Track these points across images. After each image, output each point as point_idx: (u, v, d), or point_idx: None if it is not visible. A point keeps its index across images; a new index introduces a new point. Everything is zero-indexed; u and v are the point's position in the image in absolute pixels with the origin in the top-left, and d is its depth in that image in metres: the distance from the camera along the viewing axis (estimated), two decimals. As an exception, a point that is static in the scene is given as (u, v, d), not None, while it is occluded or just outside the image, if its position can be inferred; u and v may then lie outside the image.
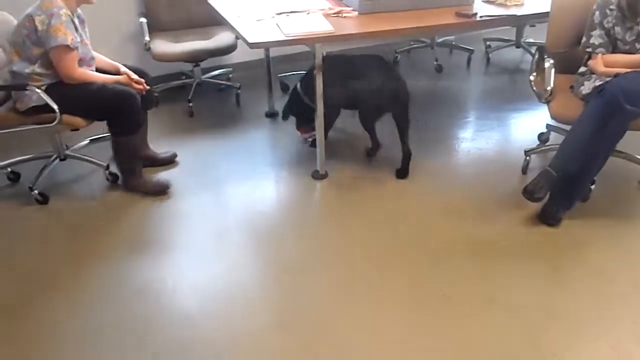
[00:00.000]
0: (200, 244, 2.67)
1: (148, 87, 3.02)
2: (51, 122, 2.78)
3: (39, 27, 2.67)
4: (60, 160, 3.22)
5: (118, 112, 2.87)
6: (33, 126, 2.83)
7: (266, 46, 3.28)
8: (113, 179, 3.16)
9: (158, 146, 3.37)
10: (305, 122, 3.45)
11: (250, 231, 2.76)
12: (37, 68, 2.76)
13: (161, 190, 3.06)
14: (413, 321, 2.19)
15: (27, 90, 2.74)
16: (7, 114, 2.85)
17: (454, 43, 5.03)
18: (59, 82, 2.80)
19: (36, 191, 2.99)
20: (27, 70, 2.75)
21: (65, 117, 2.80)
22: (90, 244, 2.69)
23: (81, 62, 2.83)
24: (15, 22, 2.86)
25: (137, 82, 2.96)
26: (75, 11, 2.83)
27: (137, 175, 3.08)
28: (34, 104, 2.77)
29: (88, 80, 2.83)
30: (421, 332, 2.13)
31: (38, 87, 2.73)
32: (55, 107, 2.73)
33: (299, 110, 3.43)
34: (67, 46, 2.70)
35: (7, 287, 2.44)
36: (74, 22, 2.77)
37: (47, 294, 2.39)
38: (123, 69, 3.04)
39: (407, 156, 3.17)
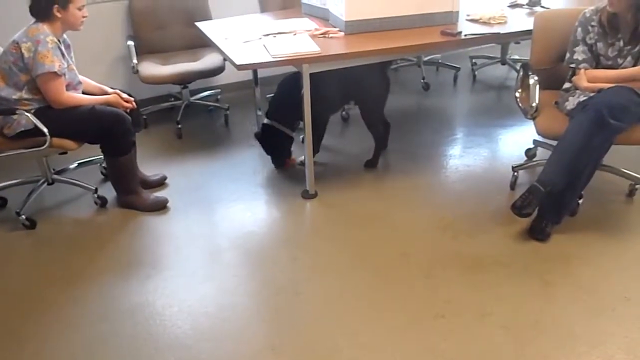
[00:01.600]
0: (191, 265, 2.66)
1: (136, 106, 3.06)
2: (41, 146, 2.77)
3: (26, 54, 2.68)
4: (48, 184, 3.21)
5: (109, 133, 2.88)
6: (22, 150, 2.83)
7: (253, 67, 3.30)
8: (102, 202, 3.15)
9: (147, 169, 3.36)
10: (287, 152, 3.46)
11: (241, 252, 2.75)
12: (24, 94, 2.76)
13: (159, 206, 3.08)
14: (407, 339, 2.18)
15: (16, 114, 2.74)
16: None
17: (440, 61, 5.09)
18: (48, 106, 2.80)
19: (24, 216, 2.97)
20: (14, 97, 2.75)
21: (55, 140, 2.80)
22: (80, 267, 2.66)
23: (68, 87, 2.84)
24: (1, 48, 2.87)
25: (126, 101, 2.99)
26: (61, 37, 2.84)
27: (134, 193, 3.08)
28: (22, 129, 2.76)
29: (77, 103, 2.84)
30: (415, 350, 2.12)
31: (27, 111, 2.73)
32: (45, 130, 2.73)
33: (279, 144, 3.41)
34: (55, 73, 2.71)
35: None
36: (60, 49, 2.78)
37: (35, 316, 2.37)
38: (110, 90, 3.05)
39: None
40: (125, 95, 3.02)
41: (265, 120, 3.34)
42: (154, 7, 4.05)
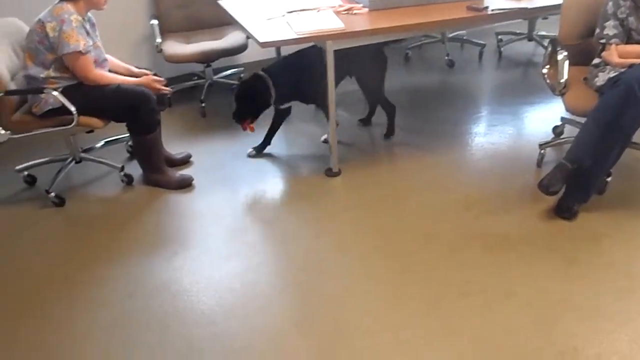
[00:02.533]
0: (216, 242, 2.69)
1: (169, 88, 3.09)
2: (68, 124, 2.81)
3: (50, 34, 2.70)
4: (76, 162, 3.26)
5: (135, 112, 2.90)
6: (51, 129, 2.87)
7: (277, 45, 3.28)
8: (128, 180, 3.19)
9: (172, 147, 3.39)
10: (254, 115, 3.22)
11: (265, 230, 2.77)
12: (52, 72, 2.79)
13: (185, 184, 3.12)
14: (432, 317, 2.18)
15: (43, 93, 2.78)
16: (24, 118, 2.89)
17: (465, 38, 5.00)
18: (75, 85, 2.83)
19: (53, 194, 3.03)
20: (42, 75, 2.78)
21: (82, 118, 2.83)
22: (107, 245, 2.71)
23: (94, 64, 2.86)
24: (26, 27, 2.89)
25: (158, 82, 3.02)
26: (86, 15, 2.86)
27: (160, 171, 3.12)
28: (50, 107, 2.80)
29: (107, 82, 2.87)
30: (439, 327, 2.13)
31: (54, 90, 2.76)
32: (72, 108, 2.76)
33: (255, 101, 3.16)
34: (80, 52, 2.73)
35: (25, 287, 2.47)
36: (84, 27, 2.80)
37: (64, 293, 2.42)
38: (136, 70, 3.06)
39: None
40: (157, 78, 3.05)
41: (260, 72, 3.15)
42: (176, -15, 4.04)
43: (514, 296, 2.26)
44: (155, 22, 3.96)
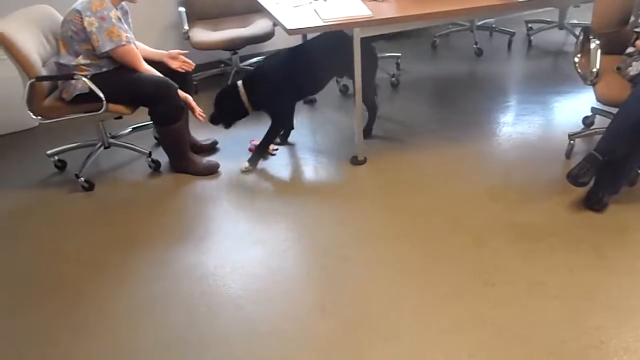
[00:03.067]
0: (242, 228, 2.71)
1: (192, 68, 3.14)
2: (97, 111, 2.85)
3: (88, 28, 2.75)
4: (105, 148, 3.31)
5: (157, 100, 2.93)
6: (80, 114, 2.92)
7: (305, 32, 3.27)
8: (155, 166, 3.23)
9: (199, 134, 3.42)
10: (225, 122, 3.27)
11: (290, 216, 2.78)
12: (82, 60, 2.84)
13: (211, 171, 3.14)
14: (456, 305, 2.18)
15: (73, 79, 2.82)
16: (55, 104, 2.94)
17: (494, 26, 4.93)
18: (103, 73, 2.88)
19: (82, 178, 3.08)
20: (72, 63, 2.84)
21: (111, 105, 2.88)
22: (135, 229, 2.76)
23: None
24: (57, 14, 2.93)
25: (182, 59, 3.09)
26: (119, 4, 2.89)
27: (186, 158, 3.14)
28: (78, 92, 2.85)
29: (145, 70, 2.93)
30: (464, 317, 2.12)
31: (84, 77, 2.81)
32: (101, 94, 2.81)
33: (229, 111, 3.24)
34: (123, 45, 2.80)
35: (56, 269, 2.53)
36: (120, 18, 2.84)
37: (94, 273, 2.48)
38: (166, 53, 3.10)
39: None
40: (183, 58, 3.11)
41: (238, 82, 3.21)
42: (204, -27, 4.06)
43: (540, 287, 2.23)
44: (182, 9, 3.99)
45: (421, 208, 2.77)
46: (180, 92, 2.98)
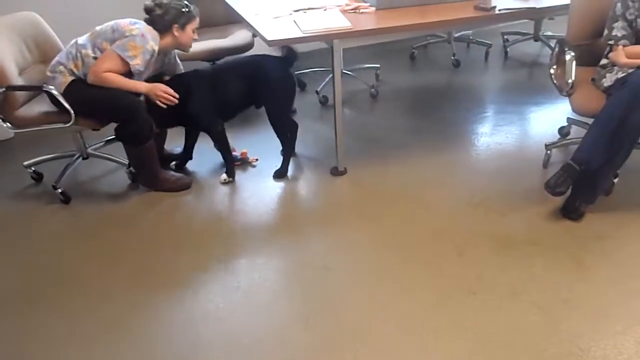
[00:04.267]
0: (222, 240, 2.69)
1: (175, 102, 2.90)
2: (67, 123, 2.81)
3: (127, 32, 2.75)
4: (83, 159, 3.27)
5: (125, 120, 2.85)
6: (50, 126, 2.87)
7: (284, 43, 3.26)
8: (134, 177, 3.20)
9: (177, 144, 3.39)
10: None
11: (271, 227, 2.77)
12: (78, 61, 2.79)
13: (184, 187, 3.09)
14: (438, 314, 2.19)
15: (43, 90, 2.77)
16: (28, 113, 2.89)
17: (471, 38, 5.00)
18: (77, 81, 2.81)
19: (59, 190, 3.04)
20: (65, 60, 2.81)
21: (80, 119, 2.83)
22: (114, 241, 2.72)
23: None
24: (43, 22, 2.89)
25: (164, 93, 2.86)
26: (165, 52, 2.92)
27: (156, 177, 3.07)
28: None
29: (110, 82, 2.76)
30: (446, 326, 2.13)
31: (57, 88, 2.77)
32: (70, 109, 2.76)
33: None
34: (125, 61, 2.74)
35: (29, 281, 2.48)
36: (152, 56, 2.81)
37: (70, 287, 2.43)
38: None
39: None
40: (170, 90, 2.88)
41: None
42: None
43: (520, 295, 2.26)
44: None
45: (402, 218, 2.78)
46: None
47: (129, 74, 2.79)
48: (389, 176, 3.14)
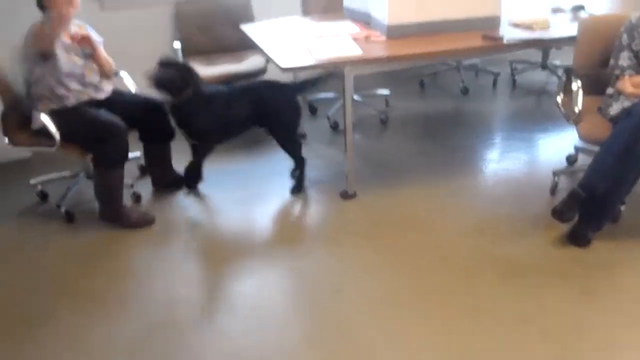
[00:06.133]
0: (231, 260, 2.73)
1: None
2: (52, 147, 2.86)
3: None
4: (88, 178, 3.30)
5: (103, 140, 2.86)
6: (39, 148, 2.96)
7: (298, 70, 3.35)
8: (136, 198, 3.25)
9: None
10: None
11: (281, 249, 2.81)
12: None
13: (146, 223, 3.02)
14: (444, 340, 2.20)
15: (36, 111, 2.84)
16: (23, 133, 2.98)
17: (479, 66, 5.07)
18: (63, 108, 2.89)
19: (63, 209, 3.09)
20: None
21: (65, 145, 2.87)
22: (115, 260, 2.78)
23: (70, 77, 2.91)
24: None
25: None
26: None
27: (118, 209, 3.00)
28: (39, 127, 2.88)
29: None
30: (453, 353, 2.14)
31: (45, 111, 2.84)
32: (55, 132, 2.81)
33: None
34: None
35: (32, 297, 2.54)
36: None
37: (68, 303, 2.49)
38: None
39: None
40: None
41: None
42: (199, 11, 4.18)
43: (528, 323, 2.27)
44: (178, 45, 4.07)
45: (410, 243, 2.81)
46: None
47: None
48: (397, 200, 3.18)
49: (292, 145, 3.27)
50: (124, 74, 3.25)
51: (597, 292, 2.42)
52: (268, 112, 3.14)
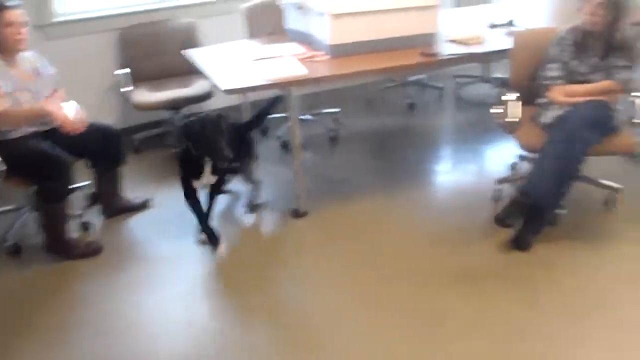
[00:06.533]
0: (180, 290, 2.71)
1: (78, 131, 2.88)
2: None
3: None
4: (34, 211, 3.22)
5: (44, 175, 2.81)
6: None
7: (240, 92, 3.38)
8: (85, 227, 3.21)
9: (136, 192, 3.44)
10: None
11: (238, 273, 2.81)
12: None
13: (93, 253, 2.99)
14: (403, 351, 2.25)
15: None
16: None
17: (425, 81, 5.22)
18: (10, 139, 2.83)
19: (9, 242, 3.03)
20: None
21: (11, 177, 2.81)
22: (64, 292, 2.73)
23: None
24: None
25: (64, 122, 2.82)
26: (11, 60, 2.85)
27: (63, 241, 2.96)
28: None
29: (9, 122, 2.77)
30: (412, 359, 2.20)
31: None
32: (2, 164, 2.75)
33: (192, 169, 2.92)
34: None
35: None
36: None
37: (27, 338, 2.43)
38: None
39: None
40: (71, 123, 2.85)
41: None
42: (145, 36, 4.18)
43: (479, 327, 2.35)
44: (124, 70, 4.05)
45: (364, 256, 2.86)
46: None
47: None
48: (349, 216, 3.23)
49: (248, 174, 3.31)
50: (72, 102, 3.20)
51: (539, 293, 2.52)
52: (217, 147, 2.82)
